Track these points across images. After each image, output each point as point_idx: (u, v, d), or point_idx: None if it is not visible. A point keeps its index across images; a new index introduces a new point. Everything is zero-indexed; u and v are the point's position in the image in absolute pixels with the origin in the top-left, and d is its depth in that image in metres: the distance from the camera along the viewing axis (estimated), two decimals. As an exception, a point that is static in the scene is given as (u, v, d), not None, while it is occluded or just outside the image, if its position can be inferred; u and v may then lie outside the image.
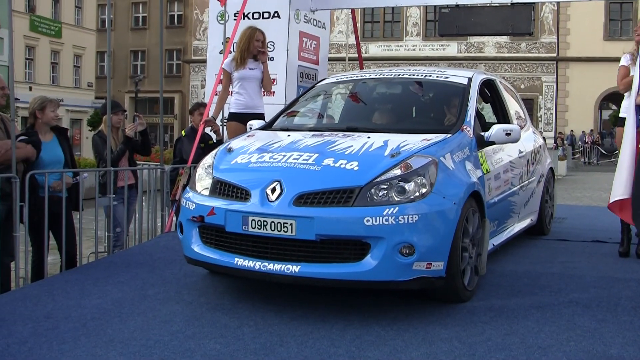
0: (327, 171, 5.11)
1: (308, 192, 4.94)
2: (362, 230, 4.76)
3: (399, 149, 5.33)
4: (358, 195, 4.88)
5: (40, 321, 5.03)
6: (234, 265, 5.09)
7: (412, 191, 4.94)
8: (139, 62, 55.87)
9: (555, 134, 44.34)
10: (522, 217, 7.62)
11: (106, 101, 8.46)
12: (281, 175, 5.14)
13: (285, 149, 5.61)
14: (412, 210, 4.83)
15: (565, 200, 18.00)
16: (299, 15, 11.11)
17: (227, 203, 5.20)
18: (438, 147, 5.51)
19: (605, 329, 4.87)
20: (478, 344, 4.55)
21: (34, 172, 6.77)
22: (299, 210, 4.87)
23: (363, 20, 47.14)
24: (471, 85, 6.75)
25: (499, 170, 6.52)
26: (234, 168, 5.53)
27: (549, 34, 45.69)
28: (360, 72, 7.90)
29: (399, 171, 5.03)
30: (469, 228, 5.40)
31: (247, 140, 6.14)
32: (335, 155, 5.31)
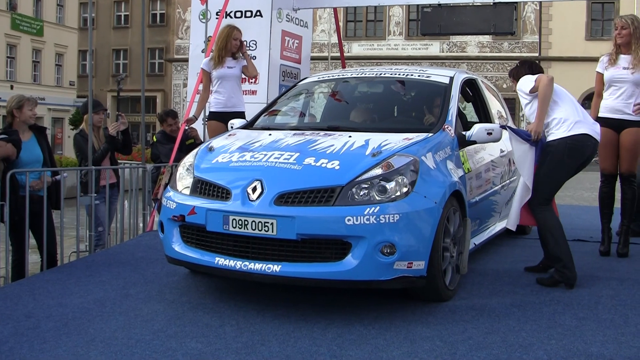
0: (308, 170, 5.09)
1: (289, 192, 4.93)
2: (343, 230, 4.75)
3: (380, 148, 5.32)
4: (339, 194, 4.87)
5: (21, 320, 5.01)
6: (215, 264, 5.08)
7: (393, 190, 4.94)
8: (121, 61, 55.62)
9: (537, 133, 44.51)
10: (504, 217, 7.57)
11: (87, 100, 8.43)
12: (262, 174, 5.12)
13: (266, 148, 5.59)
14: (393, 210, 4.83)
15: (546, 199, 17.99)
16: (281, 14, 11.10)
17: (208, 202, 5.17)
18: (419, 146, 5.49)
19: (585, 327, 4.90)
20: (459, 343, 4.57)
21: (14, 171, 6.74)
22: (279, 210, 4.86)
23: (346, 20, 47.16)
24: (452, 85, 6.73)
25: (480, 170, 6.51)
26: (215, 167, 5.51)
27: (531, 34, 45.84)
28: (342, 71, 7.89)
29: (380, 170, 5.02)
30: (450, 227, 5.40)
31: (228, 140, 6.11)
32: (317, 154, 5.30)
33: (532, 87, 6.14)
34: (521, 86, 6.29)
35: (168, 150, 9.17)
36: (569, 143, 6.02)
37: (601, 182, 7.39)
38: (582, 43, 43.71)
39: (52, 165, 7.71)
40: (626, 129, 7.08)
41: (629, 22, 7.08)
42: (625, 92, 7.06)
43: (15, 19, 46.36)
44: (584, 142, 6.07)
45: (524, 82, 6.28)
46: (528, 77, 6.29)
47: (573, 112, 6.15)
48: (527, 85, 6.18)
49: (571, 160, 6.10)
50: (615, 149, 7.10)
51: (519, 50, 45.93)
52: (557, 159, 6.06)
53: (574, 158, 6.10)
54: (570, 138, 6.02)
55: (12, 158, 6.95)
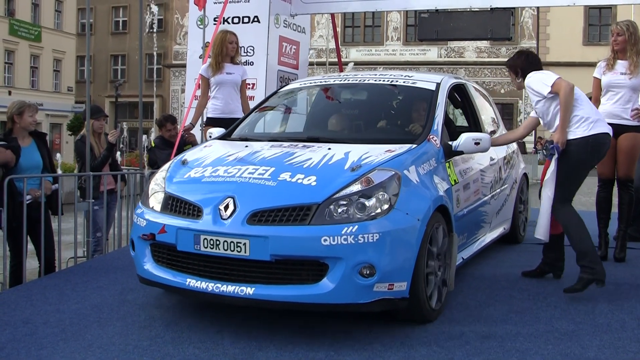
0: (283, 187, 4.84)
1: (262, 210, 4.67)
2: (319, 251, 4.49)
3: (360, 162, 5.07)
4: (315, 212, 4.61)
5: (19, 326, 5.01)
6: (186, 286, 4.81)
7: (373, 207, 4.66)
8: (119, 67, 55.68)
9: (535, 138, 44.50)
10: (494, 227, 7.42)
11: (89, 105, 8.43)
12: (235, 190, 4.87)
13: (241, 162, 5.34)
14: (372, 229, 4.56)
15: (544, 204, 18.03)
16: (278, 19, 11.12)
17: (179, 220, 4.90)
18: (402, 159, 5.23)
19: (582, 332, 4.92)
20: (456, 348, 4.58)
21: (12, 177, 6.75)
22: (252, 229, 4.60)
23: (344, 25, 47.22)
24: (439, 91, 6.44)
25: (468, 181, 6.26)
26: (187, 182, 5.25)
27: (529, 39, 45.92)
28: (324, 77, 7.70)
29: (360, 186, 4.77)
30: (435, 244, 5.12)
31: (202, 152, 5.85)
32: (293, 169, 5.04)
33: (549, 91, 6.05)
34: (534, 86, 6.13)
35: (166, 155, 9.15)
36: (591, 142, 5.96)
37: (598, 187, 7.41)
38: (579, 48, 43.79)
39: (52, 171, 7.71)
40: (623, 134, 7.09)
41: (624, 28, 7.11)
42: (622, 97, 7.09)
43: (13, 24, 46.40)
44: (604, 140, 6.03)
45: (537, 82, 6.12)
46: (540, 78, 6.13)
47: (592, 111, 6.12)
48: (543, 89, 6.07)
49: (592, 158, 6.08)
50: (612, 154, 7.10)
51: (516, 55, 45.94)
52: (579, 157, 5.97)
53: (595, 156, 6.09)
54: (593, 137, 5.96)
55: (11, 164, 6.95)
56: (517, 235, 8.36)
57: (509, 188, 7.80)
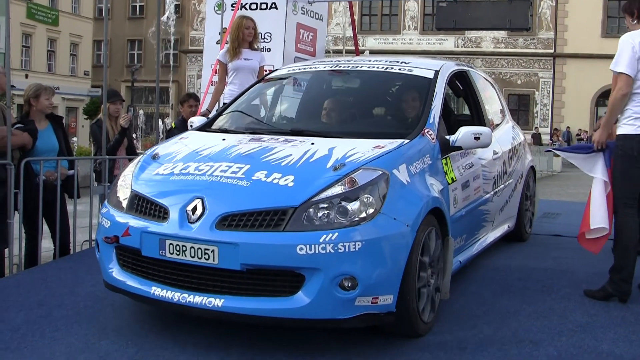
0: (257, 187, 4.38)
1: (233, 213, 4.21)
2: (295, 260, 4.04)
3: (344, 160, 4.59)
4: (291, 217, 4.15)
5: (34, 308, 5.05)
6: (151, 295, 4.37)
7: (357, 212, 4.20)
8: (136, 51, 55.74)
9: (551, 130, 44.37)
10: (497, 225, 6.94)
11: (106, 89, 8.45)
12: (204, 191, 4.41)
13: (214, 157, 4.86)
14: (354, 236, 4.10)
15: (559, 196, 18.03)
16: (296, 6, 11.10)
17: (144, 222, 4.45)
18: (391, 156, 4.74)
19: (596, 324, 4.91)
20: (469, 338, 4.58)
21: (29, 160, 6.78)
22: (221, 235, 4.15)
23: (361, 13, 47.10)
24: (438, 79, 5.94)
25: (467, 178, 5.76)
26: (155, 180, 4.77)
27: (547, 30, 45.66)
28: (315, 62, 7.17)
29: (342, 188, 4.29)
30: (427, 251, 4.64)
31: (176, 145, 5.37)
32: (270, 167, 4.57)
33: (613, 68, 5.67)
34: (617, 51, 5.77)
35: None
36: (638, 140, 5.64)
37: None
38: (597, 40, 43.50)
39: (68, 154, 7.73)
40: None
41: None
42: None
43: (31, 8, 46.48)
44: None
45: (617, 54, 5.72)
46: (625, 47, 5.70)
47: None
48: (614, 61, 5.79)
49: None
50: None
51: (534, 46, 45.78)
52: (629, 155, 5.65)
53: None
54: None
55: (28, 147, 6.98)
56: (523, 233, 7.90)
57: (514, 183, 7.34)
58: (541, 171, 27.60)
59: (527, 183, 7.91)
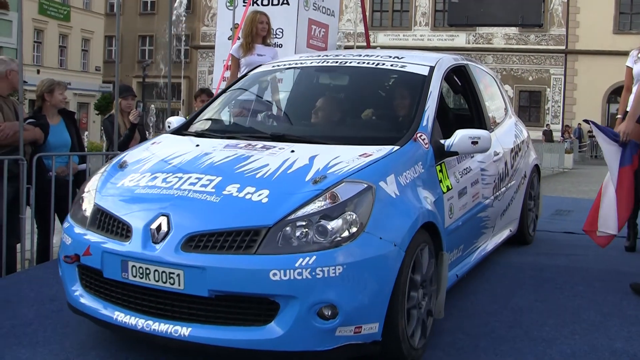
0: (227, 204, 3.96)
1: (200, 233, 3.81)
2: (268, 287, 3.64)
3: (326, 171, 4.15)
4: (264, 238, 3.73)
5: (45, 303, 5.06)
6: (114, 320, 3.98)
7: (337, 231, 3.77)
8: (147, 47, 55.87)
9: (562, 127, 44.25)
10: (498, 230, 6.49)
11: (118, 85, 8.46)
12: (170, 207, 3.99)
13: (184, 167, 4.44)
14: (335, 259, 3.69)
15: (571, 193, 17.97)
16: (308, 2, 11.08)
17: (105, 241, 4.05)
18: (378, 166, 4.30)
19: (610, 323, 4.88)
20: (482, 336, 4.57)
21: (41, 155, 6.79)
22: (187, 257, 3.75)
23: (372, 9, 47.04)
24: (433, 76, 5.45)
25: (465, 184, 5.29)
26: (119, 193, 4.36)
27: (558, 26, 45.53)
28: (302, 57, 6.49)
29: (322, 204, 3.86)
30: (419, 271, 4.21)
31: (146, 152, 4.93)
32: (243, 179, 4.15)
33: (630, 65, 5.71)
34: None
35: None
36: None
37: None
38: (609, 36, 43.35)
39: (80, 150, 7.75)
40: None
41: None
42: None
43: (43, 4, 46.61)
44: None
45: None
46: None
47: None
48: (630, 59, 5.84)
49: None
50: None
51: (545, 42, 45.66)
52: None
53: None
54: None
55: (40, 142, 6.99)
56: (526, 236, 7.44)
57: (516, 184, 6.90)
58: (552, 168, 27.55)
59: (530, 183, 7.47)
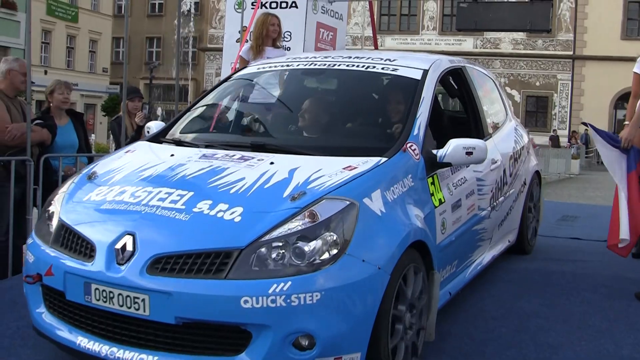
0: (197, 222, 3.67)
1: (168, 255, 3.53)
2: (239, 315, 3.37)
3: (306, 186, 3.84)
4: (236, 261, 3.44)
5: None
6: (77, 346, 3.72)
7: (316, 254, 3.48)
8: (154, 49, 55.96)
9: (569, 132, 44.19)
10: (496, 242, 6.16)
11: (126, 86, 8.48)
12: (137, 225, 3.71)
13: (155, 180, 4.14)
14: (312, 285, 3.41)
15: (577, 199, 17.96)
16: (316, 6, 11.09)
17: (68, 260, 3.78)
18: (363, 181, 3.98)
19: (616, 330, 4.88)
20: (488, 341, 4.57)
21: (48, 156, 6.80)
22: (153, 281, 3.47)
23: (380, 13, 46.97)
24: (426, 81, 5.10)
25: (459, 197, 4.96)
26: (85, 208, 4.08)
27: (566, 32, 45.46)
28: (289, 59, 6.13)
29: (299, 223, 3.57)
30: (406, 294, 3.92)
31: (119, 161, 4.63)
32: (216, 194, 3.86)
33: None
34: None
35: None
36: None
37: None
38: (617, 42, 43.27)
39: (87, 151, 7.76)
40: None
41: None
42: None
43: (51, 5, 46.70)
44: None
45: None
46: None
47: None
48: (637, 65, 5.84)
49: None
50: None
51: (553, 48, 45.60)
52: None
53: None
54: None
55: (47, 143, 7.00)
56: (525, 246, 7.13)
57: (516, 192, 6.56)
58: (559, 173, 27.54)
59: (531, 190, 7.14)
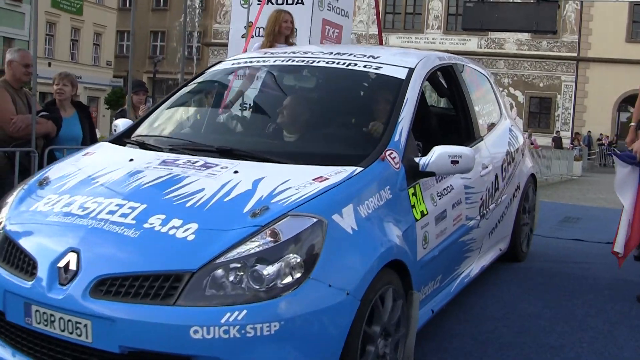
0: (147, 240, 3.27)
1: (113, 276, 3.14)
2: (187, 346, 2.99)
3: (269, 200, 3.43)
4: (186, 285, 3.05)
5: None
6: None
7: (276, 278, 3.08)
8: (159, 43, 55.97)
9: (572, 134, 44.15)
10: (485, 251, 5.76)
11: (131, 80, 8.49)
12: (82, 241, 3.31)
13: (107, 190, 3.72)
14: (270, 314, 3.01)
15: (579, 200, 17.95)
16: (322, 2, 11.07)
17: (9, 277, 3.39)
18: (333, 194, 3.56)
19: (618, 332, 4.88)
20: (490, 342, 4.57)
21: (53, 148, 6.80)
22: (96, 305, 3.09)
23: (384, 11, 46.99)
24: (411, 80, 4.65)
25: (444, 207, 4.53)
26: (31, 219, 3.67)
27: (571, 33, 45.41)
28: (266, 54, 5.63)
29: (259, 243, 3.17)
30: (379, 320, 3.49)
31: (76, 165, 4.22)
32: (171, 208, 3.45)
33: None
34: None
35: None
36: None
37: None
38: (622, 45, 43.21)
39: (92, 143, 7.76)
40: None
41: None
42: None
43: (56, -3, 46.79)
44: None
45: None
46: None
47: None
48: None
49: None
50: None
51: (557, 49, 45.55)
52: None
53: None
54: None
55: (52, 135, 7.01)
56: (518, 253, 6.75)
57: (508, 198, 6.17)
58: (561, 175, 27.51)
59: (525, 195, 6.75)
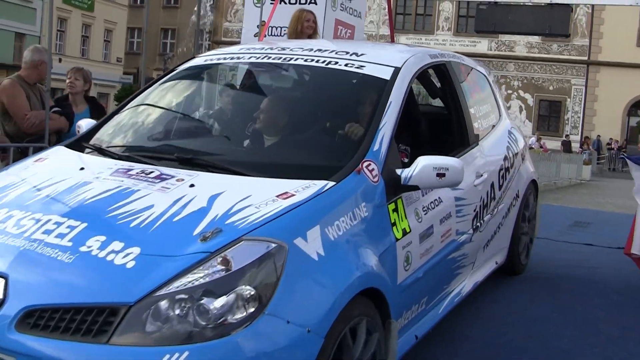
0: (82, 266, 2.89)
1: (42, 308, 2.78)
2: None
3: (224, 221, 3.04)
4: (122, 320, 2.69)
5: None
6: None
7: (226, 314, 2.71)
8: (169, 40, 56.05)
9: (581, 138, 44.05)
10: (480, 266, 5.33)
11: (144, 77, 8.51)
12: (11, 265, 2.93)
13: (48, 204, 3.33)
14: (217, 355, 2.65)
15: (588, 205, 17.89)
16: (335, 2, 11.05)
17: None
18: (298, 214, 3.14)
19: (629, 338, 4.88)
20: (499, 346, 4.57)
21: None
22: (21, 340, 2.73)
23: (395, 12, 46.85)
24: (396, 81, 4.21)
25: (431, 223, 4.06)
26: None
27: (582, 37, 45.29)
28: (242, 49, 5.18)
29: (207, 272, 2.79)
30: (351, 356, 3.09)
31: (23, 173, 3.84)
32: (112, 228, 3.07)
33: None
34: None
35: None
36: None
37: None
38: (633, 49, 43.12)
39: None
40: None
41: None
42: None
43: (68, -7, 46.91)
44: None
45: None
46: None
47: None
48: None
49: None
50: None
51: (567, 52, 45.45)
52: None
53: None
54: None
55: (65, 131, 7.02)
56: (516, 265, 6.31)
57: (506, 207, 5.71)
58: (570, 179, 27.46)
59: (525, 203, 6.29)
